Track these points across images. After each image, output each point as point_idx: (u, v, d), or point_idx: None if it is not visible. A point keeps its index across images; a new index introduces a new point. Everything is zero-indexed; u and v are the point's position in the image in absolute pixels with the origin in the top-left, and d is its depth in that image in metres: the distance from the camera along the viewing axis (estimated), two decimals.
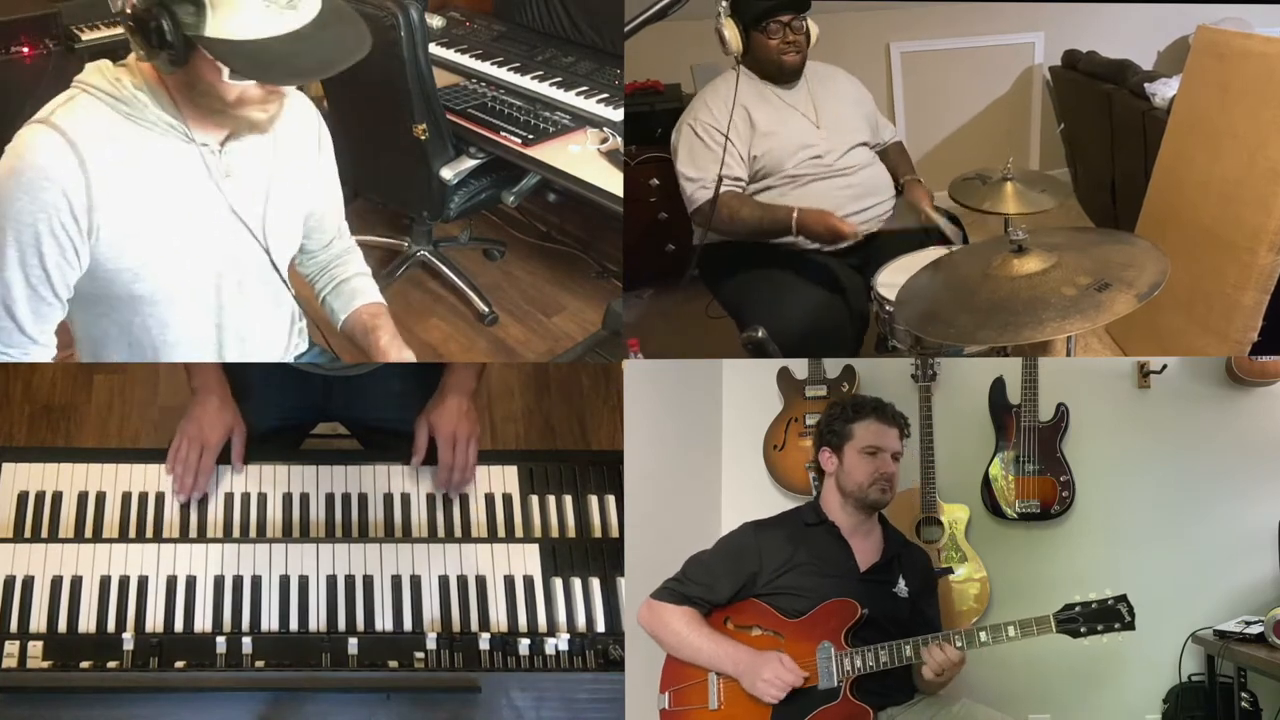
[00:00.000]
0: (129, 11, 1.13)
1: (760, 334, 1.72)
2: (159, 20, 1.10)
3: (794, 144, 1.94)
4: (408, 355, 1.41)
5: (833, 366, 1.91)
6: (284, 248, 1.37)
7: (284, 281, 1.36)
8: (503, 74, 2.33)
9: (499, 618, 1.37)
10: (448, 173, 2.26)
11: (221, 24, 1.09)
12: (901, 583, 1.46)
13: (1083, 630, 1.34)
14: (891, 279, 1.73)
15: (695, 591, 1.43)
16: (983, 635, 1.36)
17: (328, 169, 1.42)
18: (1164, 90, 2.38)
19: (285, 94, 1.21)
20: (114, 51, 1.24)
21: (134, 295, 1.26)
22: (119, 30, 2.51)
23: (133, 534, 1.41)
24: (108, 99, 1.18)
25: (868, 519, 1.48)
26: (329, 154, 1.42)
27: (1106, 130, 2.72)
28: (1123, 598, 1.35)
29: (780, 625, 1.40)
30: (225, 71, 1.13)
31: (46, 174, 1.14)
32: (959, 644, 1.36)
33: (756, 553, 1.44)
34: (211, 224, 1.27)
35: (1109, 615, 1.34)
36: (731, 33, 1.87)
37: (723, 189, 1.87)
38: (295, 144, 1.34)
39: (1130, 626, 1.34)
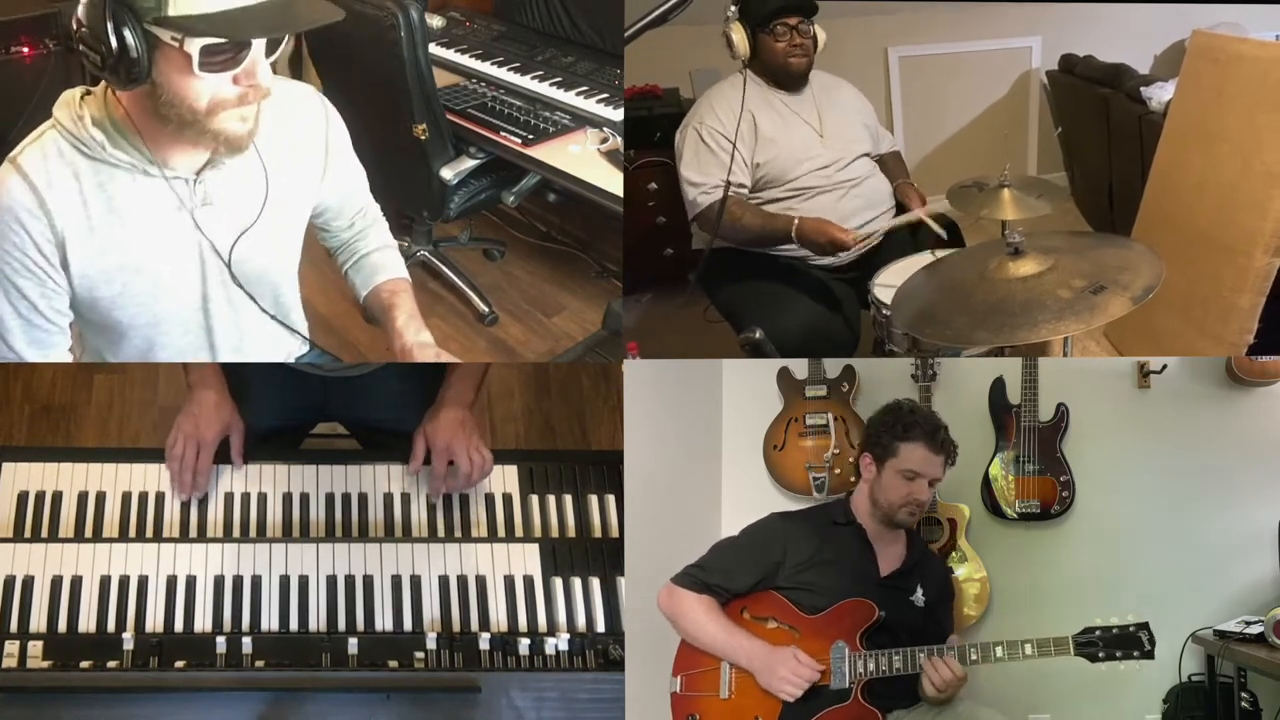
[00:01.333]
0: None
1: (758, 334, 1.72)
2: (115, 22, 1.05)
3: (798, 153, 1.94)
4: (425, 337, 1.39)
5: (833, 366, 1.91)
6: (276, 263, 1.35)
7: (251, 297, 1.31)
8: (503, 74, 2.34)
9: (499, 618, 1.37)
10: (448, 173, 2.26)
11: (185, 2, 1.06)
12: (919, 592, 1.46)
13: (1101, 655, 1.33)
14: (888, 282, 1.74)
15: (716, 579, 1.43)
16: (999, 650, 1.35)
17: (340, 161, 1.38)
18: (1160, 94, 2.39)
19: (265, 92, 1.14)
20: None
21: (116, 321, 1.26)
22: None
23: (133, 534, 1.41)
24: (70, 137, 1.16)
25: (893, 529, 1.48)
26: (341, 144, 1.37)
27: (1103, 134, 2.73)
28: (1144, 625, 1.33)
29: (796, 620, 1.40)
30: (195, 61, 1.08)
31: (10, 215, 1.15)
32: (974, 657, 1.35)
33: (782, 543, 1.44)
34: (190, 251, 1.25)
35: (1129, 642, 1.32)
36: (739, 36, 1.86)
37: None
38: (294, 151, 1.31)
39: (1149, 655, 1.32)
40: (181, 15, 1.07)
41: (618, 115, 2.12)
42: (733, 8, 1.85)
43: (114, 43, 1.06)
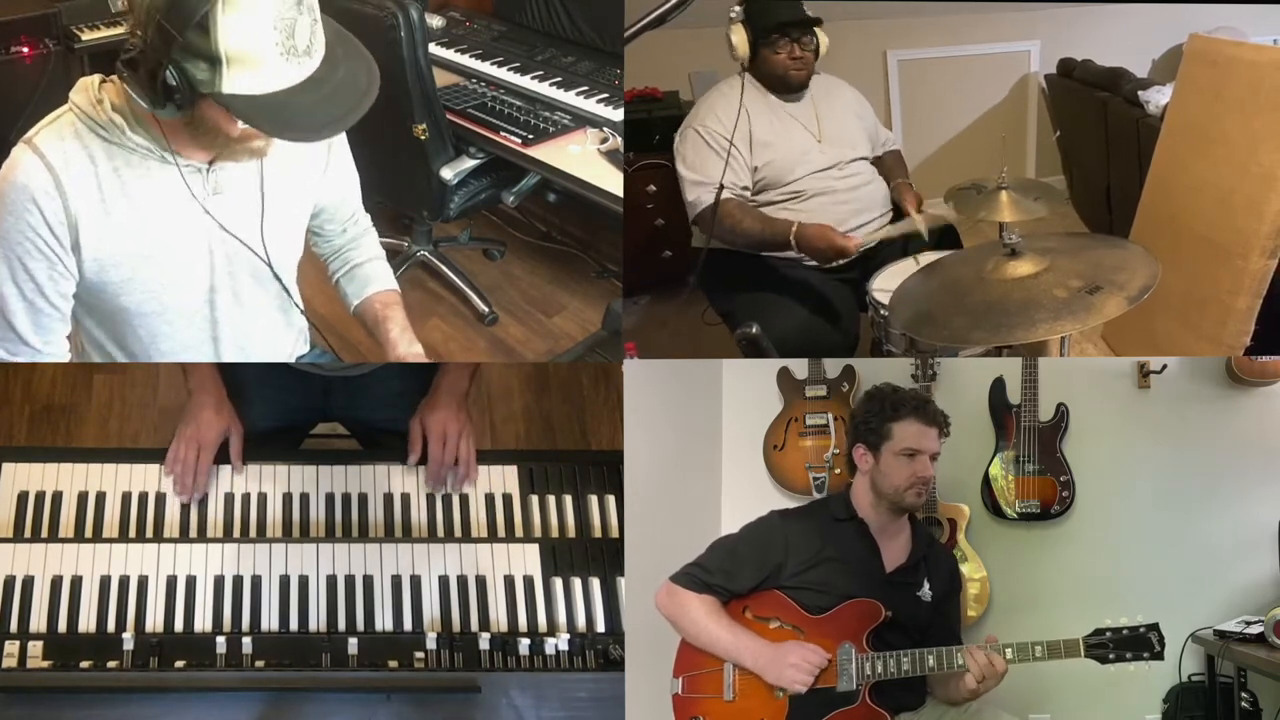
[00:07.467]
0: (128, 56, 1.10)
1: (754, 329, 1.69)
2: (165, 75, 1.06)
3: (795, 156, 1.94)
4: (417, 349, 1.40)
5: (833, 366, 1.92)
6: (285, 254, 1.36)
7: (285, 290, 1.35)
8: (503, 74, 2.34)
9: (499, 618, 1.37)
10: (448, 173, 2.26)
11: (237, 80, 1.05)
12: (926, 586, 1.43)
13: (1111, 657, 1.32)
14: (886, 284, 1.74)
15: (717, 580, 1.40)
16: (1009, 653, 1.34)
17: (338, 162, 1.40)
18: (1158, 98, 2.40)
19: None
20: (114, 54, 1.23)
21: (122, 307, 1.27)
22: (119, 30, 2.51)
23: (133, 534, 1.41)
24: (88, 121, 1.17)
25: (898, 519, 1.45)
26: (340, 146, 1.39)
27: (1101, 137, 2.74)
28: (1154, 626, 1.32)
29: (801, 620, 1.38)
30: (239, 122, 1.11)
31: (25, 194, 1.15)
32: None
33: (784, 544, 1.41)
34: (200, 242, 1.27)
35: (1139, 644, 1.32)
36: (740, 39, 1.86)
37: (725, 195, 1.87)
38: (299, 147, 1.32)
39: (1159, 657, 1.32)
40: (234, 95, 1.06)
41: (617, 115, 2.12)
42: (737, 7, 1.84)
43: (161, 89, 1.08)
